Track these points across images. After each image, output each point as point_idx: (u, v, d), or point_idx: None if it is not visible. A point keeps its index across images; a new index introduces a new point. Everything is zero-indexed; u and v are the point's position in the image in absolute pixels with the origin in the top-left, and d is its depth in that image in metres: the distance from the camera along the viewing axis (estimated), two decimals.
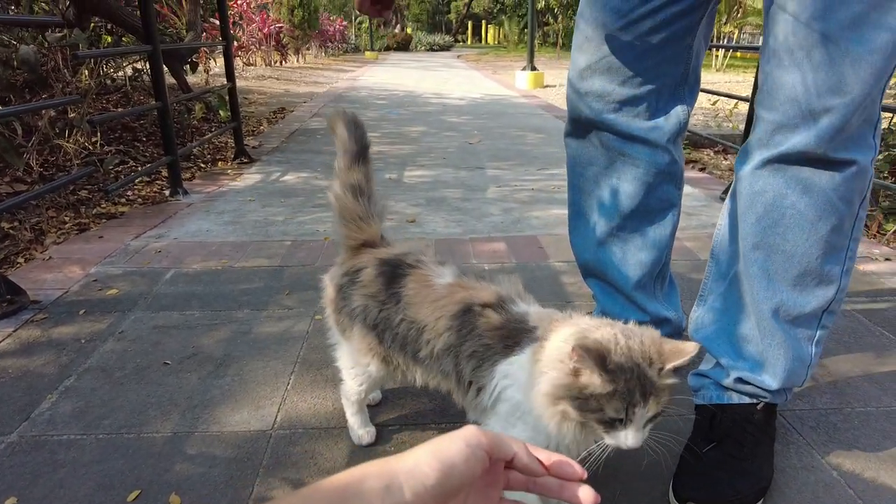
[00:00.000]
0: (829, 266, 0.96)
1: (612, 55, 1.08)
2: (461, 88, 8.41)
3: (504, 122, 5.30)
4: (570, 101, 1.19)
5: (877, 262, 2.07)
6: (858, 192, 0.93)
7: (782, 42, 0.87)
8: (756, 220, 0.97)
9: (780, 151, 0.91)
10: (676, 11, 1.03)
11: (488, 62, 15.53)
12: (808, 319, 1.00)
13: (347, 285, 1.03)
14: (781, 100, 0.89)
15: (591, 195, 1.25)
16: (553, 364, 0.77)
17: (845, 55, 0.82)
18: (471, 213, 2.60)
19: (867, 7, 0.80)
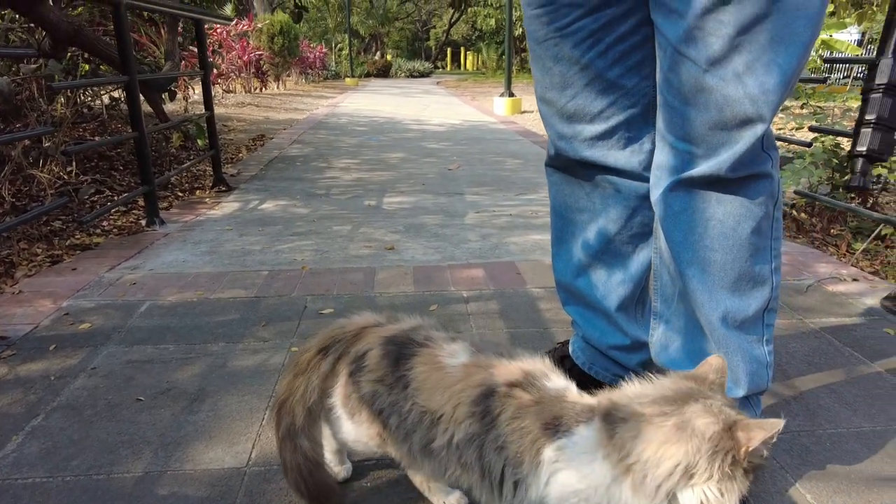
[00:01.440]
0: (759, 267, 1.03)
1: (575, 99, 1.11)
2: (441, 114, 8.51)
3: (483, 148, 5.36)
4: (549, 138, 1.22)
5: (845, 283, 2.12)
6: (768, 194, 1.00)
7: (684, 82, 0.94)
8: (683, 239, 1.03)
9: (687, 175, 0.99)
10: (625, 49, 1.06)
11: (467, 88, 15.74)
12: (753, 322, 1.05)
13: (356, 372, 0.94)
14: (685, 132, 0.97)
15: (574, 222, 1.28)
16: (685, 455, 0.66)
17: (745, 96, 0.89)
18: (449, 239, 2.61)
19: (759, 52, 0.87)
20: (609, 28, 1.06)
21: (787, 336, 1.71)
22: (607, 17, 1.05)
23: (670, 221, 1.05)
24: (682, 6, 0.91)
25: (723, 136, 0.94)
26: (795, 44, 0.88)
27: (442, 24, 35.83)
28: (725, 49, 0.89)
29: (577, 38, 1.07)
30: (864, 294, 2.02)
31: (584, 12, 1.05)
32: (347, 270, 2.20)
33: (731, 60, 0.89)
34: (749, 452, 0.66)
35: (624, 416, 0.71)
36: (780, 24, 0.86)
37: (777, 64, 0.88)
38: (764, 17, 0.86)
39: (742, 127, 0.93)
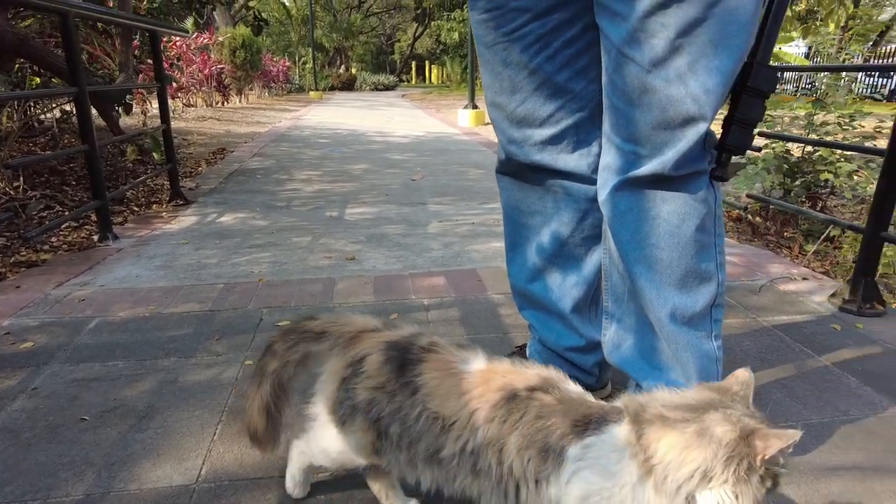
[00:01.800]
0: (705, 264, 1.05)
1: (524, 103, 1.12)
2: (405, 126, 8.52)
3: (447, 159, 5.38)
4: (499, 143, 1.23)
5: (796, 282, 2.18)
6: (709, 193, 1.03)
7: (628, 83, 0.96)
8: (630, 238, 1.05)
9: (633, 175, 1.01)
10: (573, 53, 1.07)
11: (432, 101, 15.83)
12: (701, 318, 1.07)
13: (351, 377, 0.90)
14: (630, 132, 0.99)
15: (527, 227, 1.28)
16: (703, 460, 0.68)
17: (687, 95, 0.92)
18: (411, 248, 2.60)
19: (699, 54, 0.90)
20: (556, 32, 1.07)
21: (742, 334, 1.74)
22: (554, 21, 1.06)
23: (617, 221, 1.06)
24: (625, 9, 0.93)
25: (667, 136, 0.96)
26: (731, 47, 0.90)
27: (406, 38, 36.03)
28: (667, 50, 0.91)
29: (525, 42, 1.08)
30: (813, 292, 2.08)
31: (531, 17, 1.06)
32: (306, 281, 2.17)
33: (673, 61, 0.91)
34: (765, 460, 0.68)
35: (650, 419, 0.73)
36: (716, 28, 0.89)
37: (716, 65, 0.91)
38: (702, 20, 0.88)
39: (685, 126, 0.94)
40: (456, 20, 21.94)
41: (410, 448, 0.85)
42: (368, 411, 0.88)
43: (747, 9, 0.89)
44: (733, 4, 0.88)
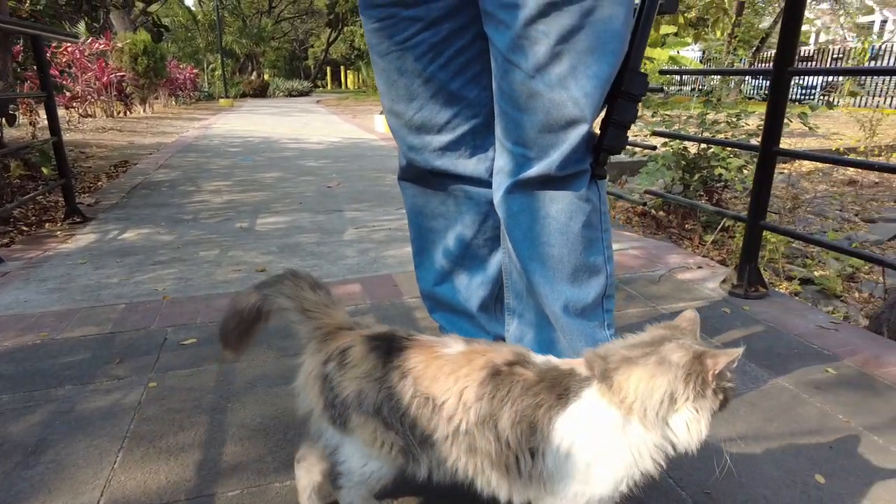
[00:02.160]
0: (594, 258, 1.11)
1: (421, 111, 1.15)
2: (320, 133, 8.39)
3: (363, 165, 5.35)
4: (399, 150, 1.24)
5: (692, 271, 2.34)
6: (592, 191, 1.09)
7: (514, 88, 1.01)
8: (523, 237, 1.10)
9: (524, 177, 1.05)
10: (465, 61, 1.11)
11: (348, 106, 15.68)
12: (593, 308, 1.13)
13: (334, 371, 0.89)
14: (519, 136, 1.03)
15: (432, 231, 1.31)
16: (668, 383, 0.77)
17: (568, 99, 0.97)
18: (326, 256, 2.57)
19: (578, 59, 0.96)
20: (449, 41, 1.10)
21: (642, 323, 1.83)
22: (446, 30, 1.09)
23: (511, 221, 1.11)
24: (509, 18, 0.97)
25: (552, 138, 1.01)
26: (607, 53, 0.97)
27: (320, 44, 35.50)
28: (549, 57, 0.96)
29: (418, 51, 1.10)
30: (707, 280, 2.24)
31: (423, 26, 1.08)
32: (213, 297, 2.09)
33: (554, 67, 0.96)
34: (716, 375, 0.78)
35: (615, 365, 0.81)
36: (592, 35, 0.95)
37: (594, 71, 0.96)
38: (579, 28, 0.94)
39: (568, 128, 1.00)
40: None
41: (410, 433, 0.86)
42: (360, 404, 0.87)
43: (619, 19, 0.96)
44: (607, 14, 0.94)
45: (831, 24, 26.31)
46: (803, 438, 1.28)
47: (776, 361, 1.62)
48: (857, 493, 1.12)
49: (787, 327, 1.83)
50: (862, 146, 8.34)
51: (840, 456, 1.23)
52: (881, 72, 8.59)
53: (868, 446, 1.26)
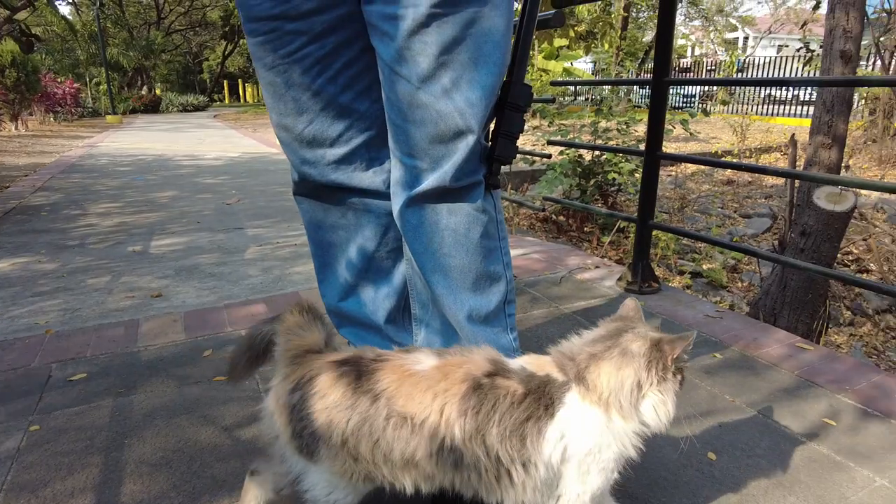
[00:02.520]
0: (493, 266, 1.14)
1: (312, 124, 1.12)
2: (218, 148, 8.06)
3: (265, 180, 5.19)
4: (291, 164, 1.21)
5: (590, 271, 2.46)
6: (488, 202, 1.12)
7: (402, 99, 1.02)
8: (424, 250, 1.11)
9: (419, 190, 1.07)
10: (354, 74, 1.11)
11: (247, 121, 15.18)
12: (496, 315, 1.16)
13: (301, 402, 0.85)
14: (409, 148, 1.05)
15: (333, 246, 1.28)
16: (633, 372, 0.82)
17: (454, 110, 0.99)
18: (227, 277, 2.47)
19: (462, 70, 0.98)
20: (336, 54, 1.09)
21: (546, 322, 1.92)
22: (332, 43, 1.08)
23: (410, 235, 1.12)
24: (392, 29, 0.98)
25: (442, 149, 1.03)
26: (489, 64, 1.00)
27: (216, 57, 34.11)
28: (432, 67, 0.97)
29: (305, 64, 1.08)
30: (604, 278, 2.36)
31: (308, 39, 1.06)
32: (104, 327, 1.95)
33: (438, 78, 0.98)
34: (674, 359, 0.84)
35: (585, 364, 0.84)
36: (474, 46, 0.97)
37: (477, 80, 0.99)
38: (461, 39, 0.96)
39: (456, 139, 1.02)
40: None
41: (386, 459, 0.83)
42: (330, 436, 0.84)
43: (499, 30, 1.00)
44: (487, 26, 0.97)
45: (704, 40, 28.77)
46: (697, 420, 1.38)
47: None
48: (744, 466, 1.22)
49: (679, 318, 1.97)
50: (735, 149, 9.15)
51: (728, 433, 1.33)
52: (745, 82, 9.49)
53: (750, 420, 1.38)
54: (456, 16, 0.95)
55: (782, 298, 3.17)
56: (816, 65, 4.64)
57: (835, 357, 1.71)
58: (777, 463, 1.23)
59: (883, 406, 1.44)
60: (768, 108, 15.39)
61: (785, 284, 3.16)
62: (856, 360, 1.71)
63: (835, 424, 1.37)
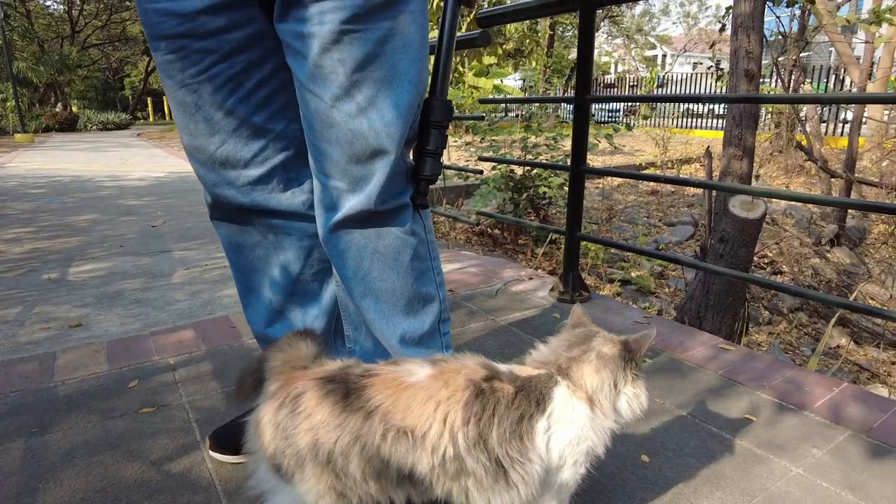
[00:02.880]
0: (426, 288, 1.14)
1: (224, 145, 1.08)
2: (142, 168, 7.73)
3: (192, 200, 5.01)
4: (205, 187, 1.16)
5: (525, 282, 2.51)
6: (417, 223, 1.12)
7: (317, 118, 1.00)
8: (353, 275, 1.10)
9: (344, 214, 1.05)
10: (268, 94, 1.08)
11: (173, 139, 14.62)
12: (430, 335, 1.16)
13: (287, 420, 0.83)
14: (329, 168, 1.03)
15: (256, 270, 1.24)
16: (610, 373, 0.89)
17: (369, 129, 0.98)
18: (152, 303, 2.35)
19: (376, 88, 0.97)
20: (247, 73, 1.05)
21: (484, 335, 1.94)
22: (243, 62, 1.04)
23: (338, 260, 1.10)
24: (304, 47, 0.96)
25: (360, 170, 1.01)
26: (404, 81, 0.99)
27: (138, 73, 32.76)
28: (345, 85, 0.96)
29: (215, 83, 1.04)
30: (538, 289, 2.41)
31: (218, 58, 1.02)
32: (15, 362, 1.81)
33: (352, 96, 0.96)
34: (641, 356, 0.93)
35: (567, 365, 0.90)
36: (388, 63, 0.96)
37: (392, 99, 0.98)
38: (375, 56, 0.95)
39: (374, 159, 1.00)
40: None
41: (379, 477, 0.81)
42: (315, 455, 0.81)
43: (415, 47, 0.99)
44: (401, 43, 0.97)
45: (626, 57, 30.19)
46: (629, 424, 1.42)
47: None
48: (675, 466, 1.27)
49: (608, 325, 2.04)
50: (658, 160, 9.62)
51: (659, 435, 1.38)
52: (661, 99, 10.02)
53: (679, 421, 1.44)
54: (368, 33, 0.93)
55: (706, 302, 3.34)
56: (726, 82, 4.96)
57: (754, 356, 1.82)
58: (705, 460, 1.29)
59: (796, 399, 1.54)
60: (687, 122, 16.29)
61: (708, 289, 3.34)
62: (772, 358, 1.82)
63: (755, 419, 1.45)
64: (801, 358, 3.59)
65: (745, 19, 3.18)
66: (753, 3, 3.17)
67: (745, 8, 3.19)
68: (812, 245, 5.28)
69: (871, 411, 1.48)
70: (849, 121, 8.97)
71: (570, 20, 20.32)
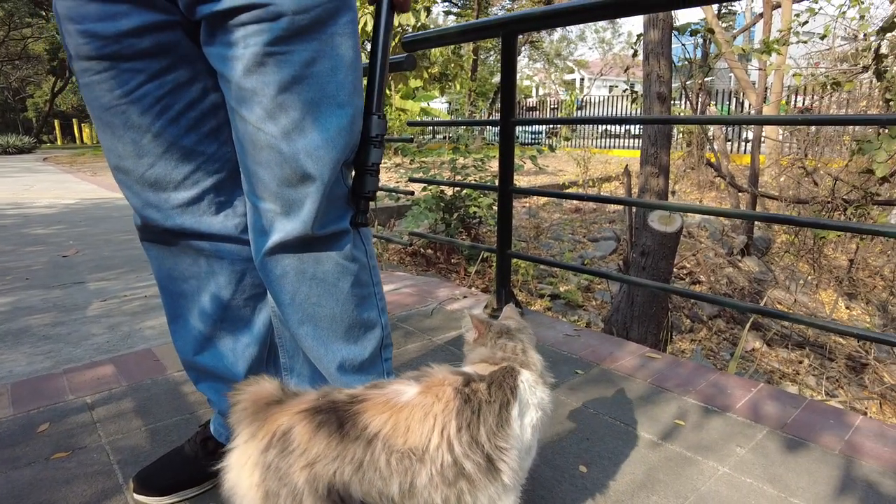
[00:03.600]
0: (367, 313, 1.12)
1: (154, 167, 1.05)
2: (50, 195, 7.24)
3: (109, 227, 4.74)
4: (133, 208, 1.12)
5: (459, 301, 2.53)
6: (357, 249, 1.10)
7: (246, 141, 0.98)
8: (290, 301, 1.07)
9: (281, 239, 1.02)
10: (198, 115, 1.05)
11: (86, 164, 13.82)
12: (372, 362, 1.13)
13: (278, 460, 0.79)
14: (261, 191, 1.00)
15: (184, 296, 1.19)
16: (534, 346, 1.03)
17: (298, 152, 0.96)
18: (65, 339, 2.19)
19: (303, 111, 0.95)
20: (176, 94, 1.02)
21: (422, 356, 1.93)
22: (171, 83, 1.01)
23: (275, 286, 1.07)
24: (229, 70, 0.94)
25: (292, 193, 0.98)
26: (332, 105, 0.97)
27: (42, 94, 30.80)
28: (272, 108, 0.93)
29: (143, 104, 1.00)
30: (472, 307, 2.44)
31: (146, 77, 0.99)
32: None
33: (278, 119, 0.94)
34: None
35: (520, 352, 0.98)
36: (316, 86, 0.95)
37: (321, 122, 0.96)
38: (301, 78, 0.93)
39: (304, 183, 0.98)
40: None
41: (381, 498, 0.82)
42: (316, 489, 0.79)
43: (343, 69, 0.97)
44: (329, 66, 0.95)
45: (546, 80, 31.40)
46: (567, 436, 1.46)
47: None
48: (612, 474, 1.30)
49: (541, 339, 2.08)
50: (580, 180, 10.00)
51: (595, 445, 1.42)
52: (581, 121, 10.47)
53: (613, 430, 1.48)
54: (293, 55, 0.92)
55: (631, 313, 3.48)
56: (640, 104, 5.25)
57: (679, 363, 1.91)
58: (640, 466, 1.33)
59: (720, 402, 1.63)
60: (606, 142, 17.09)
61: (632, 300, 3.48)
62: (696, 364, 1.92)
63: (684, 424, 1.52)
64: (722, 362, 3.80)
65: (655, 45, 3.39)
66: (661, 31, 3.39)
67: (655, 35, 3.40)
68: (725, 255, 5.63)
69: (784, 408, 1.59)
70: (750, 140, 9.71)
71: (493, 45, 20.96)
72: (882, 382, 4.16)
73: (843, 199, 4.45)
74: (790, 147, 8.34)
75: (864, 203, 4.25)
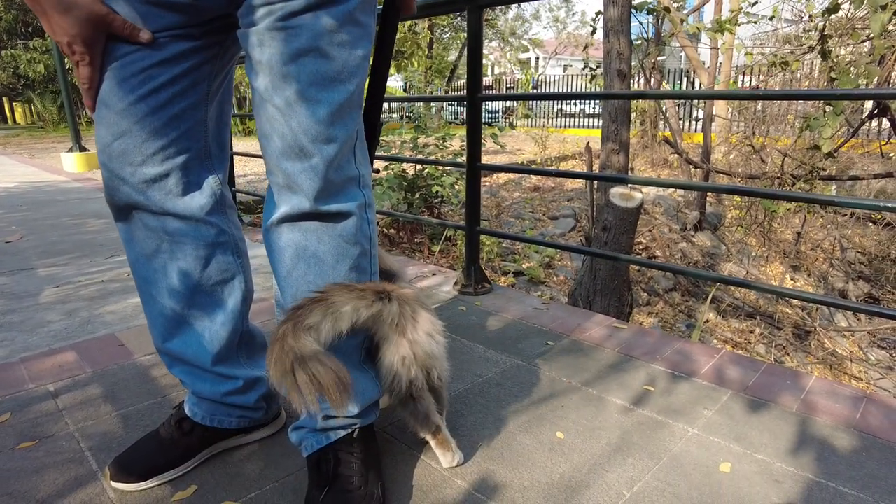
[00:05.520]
0: None
1: (123, 137, 1.02)
2: None
3: (55, 211, 4.53)
4: (105, 183, 1.08)
5: (428, 278, 2.54)
6: (362, 234, 1.09)
7: (259, 114, 1.00)
8: (287, 274, 1.07)
9: (287, 211, 1.03)
10: (178, 91, 1.03)
11: (22, 145, 13.10)
12: (355, 348, 1.12)
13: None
14: (271, 164, 1.02)
15: (153, 279, 1.16)
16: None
17: (298, 125, 0.96)
18: (19, 326, 2.10)
19: (306, 85, 0.95)
20: (160, 68, 1.00)
21: None
22: (157, 57, 1.00)
23: (275, 257, 1.07)
24: (248, 46, 0.96)
25: (291, 166, 0.99)
26: (335, 81, 0.97)
27: None
28: (278, 80, 0.94)
29: (124, 73, 0.98)
30: (442, 284, 2.45)
31: (133, 48, 0.98)
32: None
33: (282, 90, 0.94)
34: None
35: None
36: (322, 61, 0.95)
37: (322, 97, 0.96)
38: (307, 51, 0.94)
39: (303, 157, 0.98)
40: (38, 50, 18.57)
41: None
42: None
43: (351, 47, 0.97)
44: (339, 41, 0.95)
45: (501, 59, 31.37)
46: (542, 404, 1.49)
47: (509, 344, 1.86)
48: (588, 439, 1.35)
49: (512, 314, 2.12)
50: (538, 158, 10.10)
51: (570, 412, 1.46)
52: (552, 97, 10.55)
53: (586, 398, 1.53)
54: (303, 29, 0.92)
55: (594, 287, 3.57)
56: (599, 82, 5.31)
57: (645, 332, 1.97)
58: (614, 431, 1.38)
59: (686, 368, 1.69)
60: (561, 121, 17.26)
61: (595, 274, 3.56)
62: (660, 333, 1.99)
63: (653, 389, 1.57)
64: (678, 333, 3.94)
65: (615, 23, 3.43)
66: (621, 8, 3.43)
67: (614, 13, 3.44)
68: (679, 231, 5.82)
69: (745, 372, 1.67)
70: (700, 119, 9.98)
71: (448, 21, 20.74)
72: (823, 348, 4.41)
73: (791, 174, 4.65)
74: (739, 125, 8.62)
75: (811, 177, 4.46)
